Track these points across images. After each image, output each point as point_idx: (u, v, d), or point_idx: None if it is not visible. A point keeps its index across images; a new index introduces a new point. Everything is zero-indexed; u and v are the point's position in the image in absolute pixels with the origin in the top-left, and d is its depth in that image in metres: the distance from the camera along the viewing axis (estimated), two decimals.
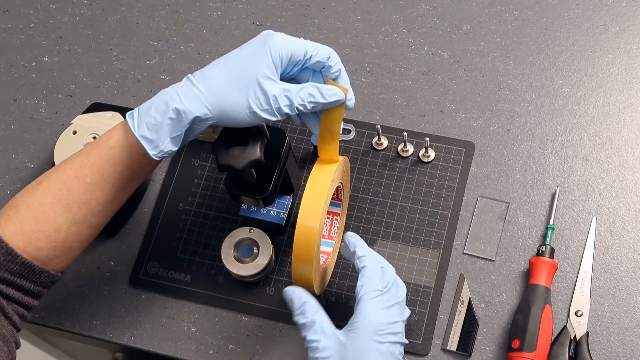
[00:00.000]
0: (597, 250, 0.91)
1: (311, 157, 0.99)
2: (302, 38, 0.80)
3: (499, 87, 1.01)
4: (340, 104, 0.80)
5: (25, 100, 1.08)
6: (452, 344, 0.89)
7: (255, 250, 0.91)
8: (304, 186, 0.97)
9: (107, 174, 0.78)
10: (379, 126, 0.97)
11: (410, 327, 0.89)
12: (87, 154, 0.79)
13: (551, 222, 0.91)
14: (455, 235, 0.93)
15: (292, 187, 0.95)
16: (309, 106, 0.78)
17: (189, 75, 0.77)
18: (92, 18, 1.13)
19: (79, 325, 0.94)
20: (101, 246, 0.98)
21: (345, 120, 1.01)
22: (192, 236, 0.97)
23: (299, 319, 0.79)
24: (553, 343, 0.86)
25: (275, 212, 0.94)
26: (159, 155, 0.76)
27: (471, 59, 1.04)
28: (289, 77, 0.81)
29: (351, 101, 0.82)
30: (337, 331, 0.78)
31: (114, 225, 0.97)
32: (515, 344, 0.84)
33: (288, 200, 0.95)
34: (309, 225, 0.80)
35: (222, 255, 0.91)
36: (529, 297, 0.86)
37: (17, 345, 0.78)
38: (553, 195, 0.94)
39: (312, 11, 1.09)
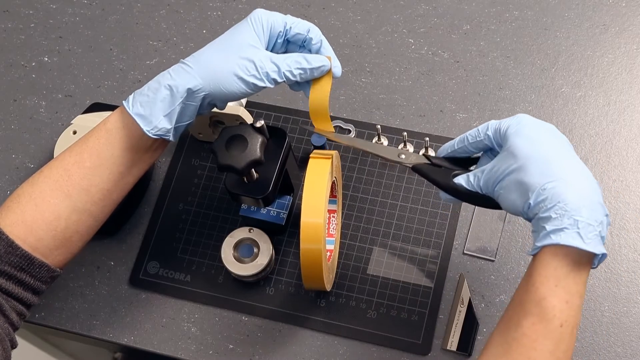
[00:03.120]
0: None
1: None
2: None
3: (499, 87, 1.01)
4: (327, 72, 0.82)
5: (25, 100, 1.08)
6: (452, 344, 0.89)
7: (255, 250, 0.91)
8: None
9: (105, 158, 0.78)
10: (379, 126, 0.97)
11: (410, 328, 0.90)
12: (86, 139, 0.79)
13: None
14: (455, 235, 0.93)
15: (292, 187, 0.95)
16: (296, 72, 0.80)
17: (181, 60, 0.80)
18: (92, 18, 1.13)
19: (79, 325, 0.94)
20: (101, 246, 0.98)
21: (345, 120, 1.01)
22: (192, 236, 0.97)
23: None
24: None
25: (275, 212, 0.94)
26: (153, 132, 0.77)
27: (471, 59, 1.04)
28: (276, 53, 0.83)
29: (337, 69, 0.83)
30: None
31: (114, 225, 0.98)
32: None
33: (288, 200, 0.95)
34: (314, 221, 0.80)
35: (222, 255, 0.91)
36: None
37: (14, 345, 0.77)
38: None
39: (312, 11, 1.09)
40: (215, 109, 0.94)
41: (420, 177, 0.96)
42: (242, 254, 0.91)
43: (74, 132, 0.96)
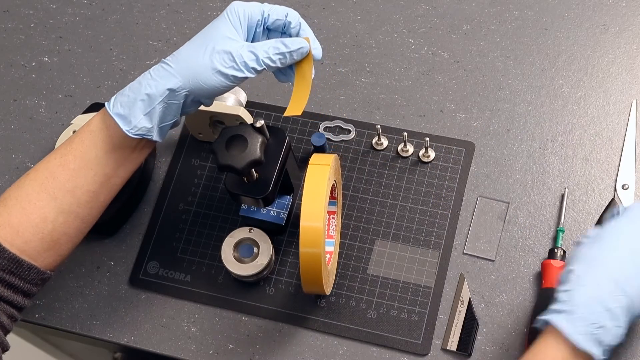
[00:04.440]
0: None
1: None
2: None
3: (499, 87, 1.01)
4: (307, 55, 0.82)
5: (25, 100, 1.08)
6: (452, 344, 0.89)
7: (255, 250, 0.91)
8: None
9: (89, 159, 0.78)
10: (379, 126, 0.97)
11: (410, 328, 0.89)
12: (70, 141, 0.80)
13: (561, 224, 0.91)
14: (455, 235, 0.93)
15: (292, 187, 0.95)
16: (275, 58, 0.79)
17: (163, 59, 0.80)
18: (92, 18, 1.13)
19: (79, 325, 0.94)
20: (101, 246, 0.98)
21: (345, 120, 1.01)
22: (192, 236, 0.97)
23: None
24: (602, 214, 0.91)
25: (275, 212, 0.94)
26: (133, 131, 0.77)
27: (471, 59, 1.04)
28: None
29: (317, 50, 0.83)
30: None
31: (114, 225, 0.98)
32: None
33: (288, 200, 0.95)
34: (314, 225, 0.80)
35: (222, 255, 0.91)
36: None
37: (5, 348, 0.76)
38: (561, 197, 0.94)
39: (312, 11, 1.09)
40: (215, 110, 0.95)
41: (420, 177, 0.96)
42: (242, 254, 0.91)
43: (74, 132, 0.96)
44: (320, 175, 0.82)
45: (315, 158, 0.85)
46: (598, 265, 0.74)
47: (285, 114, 0.81)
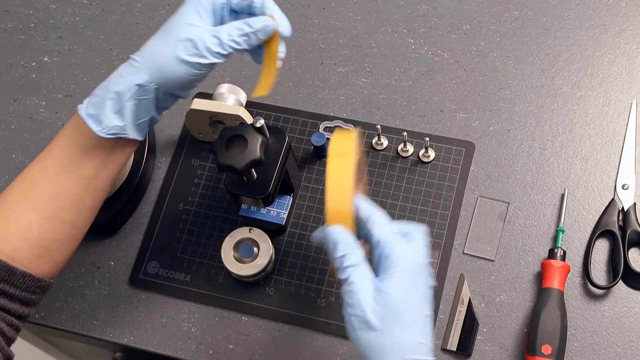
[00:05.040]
0: (597, 250, 0.91)
1: (311, 157, 0.99)
2: None
3: (499, 87, 1.01)
4: (273, 33, 0.78)
5: (25, 100, 1.08)
6: (452, 344, 0.89)
7: (255, 250, 0.91)
8: (304, 186, 0.97)
9: (68, 163, 0.77)
10: (379, 126, 0.97)
11: None
12: (50, 146, 0.79)
13: (561, 224, 0.91)
14: (455, 235, 0.93)
15: (292, 187, 0.95)
16: (239, 40, 0.76)
17: (132, 55, 0.78)
18: (92, 18, 1.13)
19: (79, 325, 0.94)
20: (101, 246, 0.98)
21: (345, 120, 1.01)
22: (192, 236, 0.97)
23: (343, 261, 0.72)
24: (602, 214, 0.91)
25: (275, 212, 0.94)
26: (104, 131, 0.75)
27: (471, 59, 1.04)
28: None
29: (283, 26, 0.79)
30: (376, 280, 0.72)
31: (114, 225, 0.98)
32: (547, 349, 0.84)
33: (288, 200, 0.95)
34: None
35: (222, 255, 0.91)
36: (553, 302, 0.86)
37: (7, 357, 0.75)
38: (561, 197, 0.94)
39: (312, 11, 1.09)
40: (215, 110, 0.95)
41: (420, 177, 0.96)
42: (242, 254, 0.91)
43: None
44: (344, 167, 0.75)
45: (337, 141, 0.77)
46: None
47: (253, 95, 0.79)
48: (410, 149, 0.98)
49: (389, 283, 0.69)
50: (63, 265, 0.80)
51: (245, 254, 0.91)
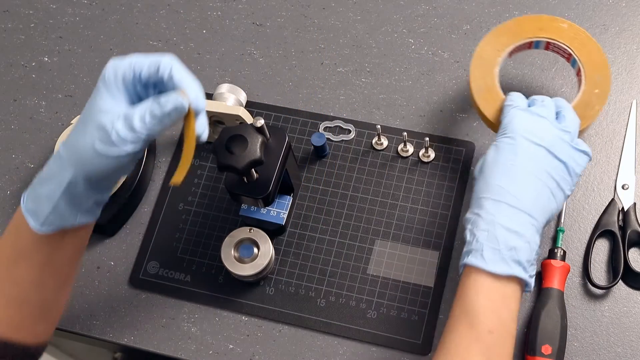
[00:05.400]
0: (597, 250, 0.91)
1: (311, 157, 0.99)
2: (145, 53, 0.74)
3: None
4: (186, 111, 0.70)
5: (25, 100, 1.08)
6: None
7: (255, 250, 0.91)
8: (304, 186, 0.97)
9: (19, 249, 0.75)
10: (379, 126, 0.97)
11: (410, 328, 0.89)
12: (7, 230, 0.76)
13: (561, 224, 0.91)
14: (455, 235, 0.93)
15: (292, 187, 0.95)
16: (153, 123, 0.69)
17: (62, 142, 0.74)
18: (92, 18, 1.13)
19: (78, 325, 0.94)
20: (101, 246, 0.98)
21: (345, 120, 1.01)
22: (192, 236, 0.97)
23: None
24: (602, 214, 0.91)
25: (275, 212, 0.94)
26: (43, 228, 0.72)
27: (471, 58, 1.03)
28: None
29: (197, 101, 0.71)
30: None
31: (114, 225, 0.98)
32: (547, 349, 0.84)
33: (288, 200, 0.95)
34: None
35: (222, 255, 0.91)
36: (553, 302, 0.86)
37: None
38: None
39: (312, 11, 1.09)
40: (215, 109, 0.95)
41: (420, 177, 0.96)
42: (242, 254, 0.91)
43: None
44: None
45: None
46: (490, 194, 0.76)
47: (170, 183, 0.74)
48: (410, 149, 0.98)
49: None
50: (48, 332, 0.79)
51: (245, 254, 0.91)
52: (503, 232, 0.74)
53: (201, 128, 0.72)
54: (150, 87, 0.73)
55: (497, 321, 0.73)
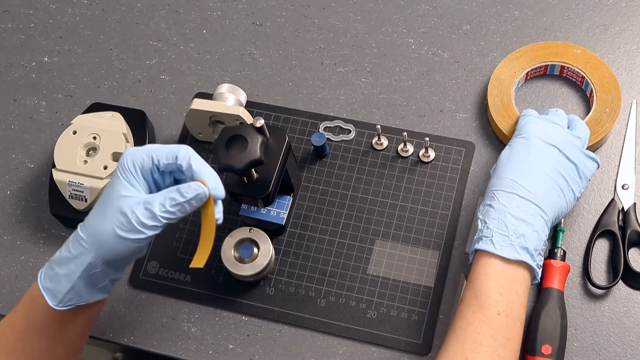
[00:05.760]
0: (597, 250, 0.91)
1: (311, 157, 0.99)
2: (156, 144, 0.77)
3: None
4: (207, 199, 0.75)
5: (25, 100, 1.08)
6: None
7: (255, 250, 0.91)
8: (304, 186, 0.97)
9: (32, 322, 0.77)
10: (379, 126, 0.97)
11: (410, 328, 0.89)
12: (20, 302, 0.79)
13: (561, 224, 0.91)
14: (455, 235, 0.93)
15: (292, 187, 0.95)
16: (174, 210, 0.74)
17: (80, 224, 0.76)
18: (92, 18, 1.13)
19: None
20: None
21: (345, 120, 1.01)
22: (192, 236, 0.97)
23: None
24: (602, 214, 0.92)
25: (275, 212, 0.94)
26: (60, 305, 0.76)
27: (471, 59, 1.04)
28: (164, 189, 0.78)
29: (217, 190, 0.76)
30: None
31: None
32: (547, 349, 0.84)
33: (288, 200, 0.95)
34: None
35: (222, 255, 0.91)
36: (553, 302, 0.86)
37: None
38: None
39: (312, 11, 1.09)
40: (215, 110, 0.95)
41: (420, 177, 0.96)
42: (242, 254, 0.91)
43: (74, 132, 0.96)
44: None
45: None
46: (503, 187, 0.81)
47: (190, 266, 0.77)
48: (410, 149, 0.98)
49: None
50: None
51: (245, 254, 0.91)
52: (513, 221, 0.79)
53: (219, 215, 0.78)
54: (166, 174, 0.78)
55: (506, 304, 0.77)
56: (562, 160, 0.83)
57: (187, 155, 0.75)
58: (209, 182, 0.75)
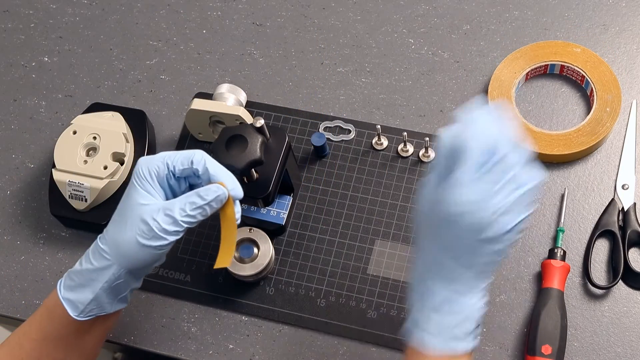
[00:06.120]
0: (597, 250, 0.91)
1: (311, 157, 0.99)
2: (169, 151, 0.78)
3: None
4: (227, 200, 0.76)
5: (25, 100, 1.08)
6: None
7: (255, 250, 0.91)
8: (304, 186, 0.97)
9: (49, 332, 0.78)
10: (379, 126, 0.97)
11: None
12: (36, 312, 0.79)
13: (561, 224, 0.91)
14: None
15: (292, 187, 0.95)
16: (194, 213, 0.75)
17: (99, 236, 0.77)
18: (92, 18, 1.13)
19: None
20: None
21: (345, 120, 1.01)
22: (192, 236, 0.97)
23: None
24: (602, 214, 0.91)
25: (275, 212, 0.94)
26: (81, 316, 0.76)
27: (471, 59, 1.04)
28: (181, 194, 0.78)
29: (235, 190, 0.77)
30: None
31: None
32: (547, 349, 0.84)
33: (288, 200, 0.95)
34: None
35: None
36: (553, 302, 0.86)
37: None
38: (561, 197, 0.94)
39: (312, 11, 1.09)
40: (215, 109, 0.95)
41: (420, 177, 0.96)
42: (242, 254, 0.91)
43: (74, 132, 0.96)
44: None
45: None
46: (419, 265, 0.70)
47: (215, 267, 0.78)
48: (410, 149, 0.98)
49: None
50: None
51: (245, 254, 0.91)
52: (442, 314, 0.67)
53: (239, 214, 0.78)
54: (182, 180, 0.78)
55: None
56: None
57: (202, 159, 0.76)
58: (227, 183, 0.76)
